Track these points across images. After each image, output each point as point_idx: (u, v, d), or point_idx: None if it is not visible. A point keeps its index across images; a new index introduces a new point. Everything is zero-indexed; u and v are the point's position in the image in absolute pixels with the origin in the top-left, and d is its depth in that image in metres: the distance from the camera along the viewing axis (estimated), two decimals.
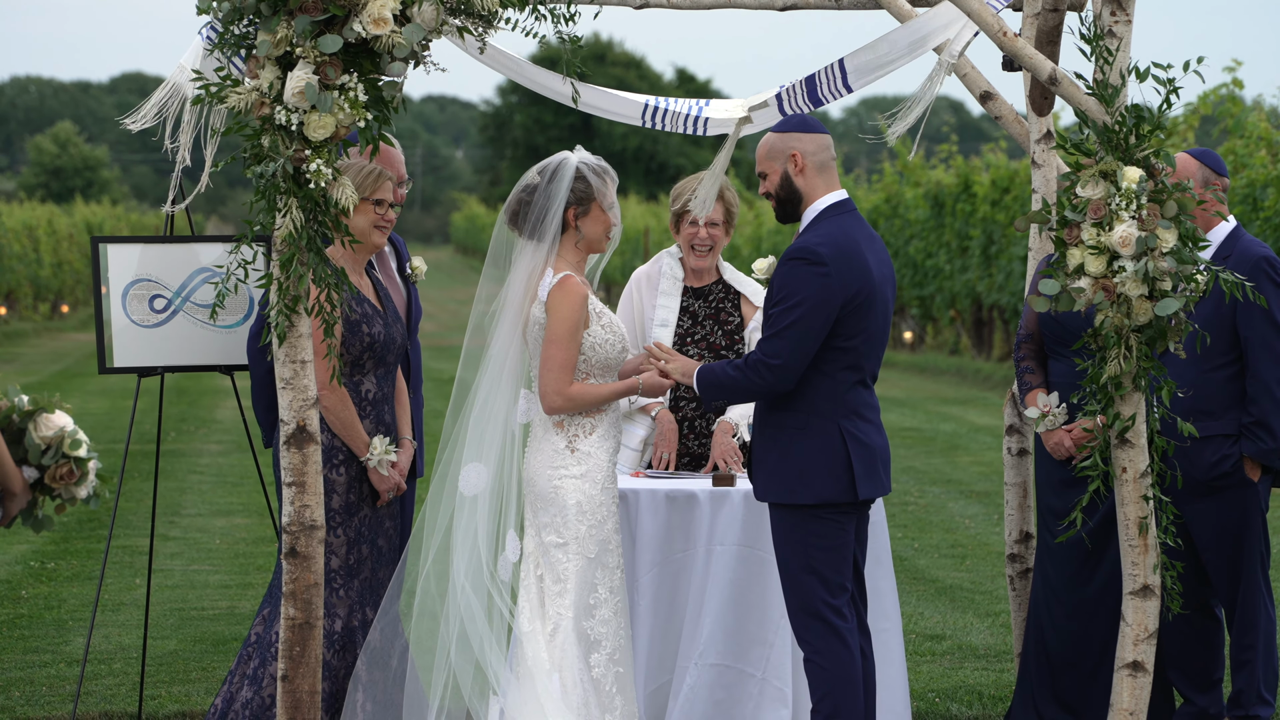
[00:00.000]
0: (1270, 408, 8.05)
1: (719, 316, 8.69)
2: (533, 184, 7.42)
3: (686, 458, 8.63)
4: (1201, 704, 8.25)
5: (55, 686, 9.64)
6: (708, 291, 8.73)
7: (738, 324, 8.68)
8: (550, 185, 7.40)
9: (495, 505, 7.43)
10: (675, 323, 8.67)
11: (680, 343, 8.64)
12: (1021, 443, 8.40)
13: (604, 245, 7.50)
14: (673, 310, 8.69)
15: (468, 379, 7.54)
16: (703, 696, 8.02)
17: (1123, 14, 7.04)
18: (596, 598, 7.35)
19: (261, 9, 6.79)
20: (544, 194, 7.39)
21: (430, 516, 7.43)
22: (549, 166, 7.44)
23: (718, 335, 8.66)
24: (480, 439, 7.43)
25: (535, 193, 7.40)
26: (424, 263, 8.33)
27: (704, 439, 8.60)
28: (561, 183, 7.39)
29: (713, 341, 8.65)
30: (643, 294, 8.73)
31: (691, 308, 8.70)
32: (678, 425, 8.63)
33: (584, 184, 7.39)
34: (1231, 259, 8.10)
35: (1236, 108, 19.75)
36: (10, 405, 6.72)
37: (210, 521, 15.14)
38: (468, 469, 7.41)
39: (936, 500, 16.40)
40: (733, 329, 8.68)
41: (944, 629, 11.09)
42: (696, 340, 8.65)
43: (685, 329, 8.67)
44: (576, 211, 7.40)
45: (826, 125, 7.60)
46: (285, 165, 6.80)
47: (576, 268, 7.44)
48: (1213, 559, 8.18)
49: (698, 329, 8.67)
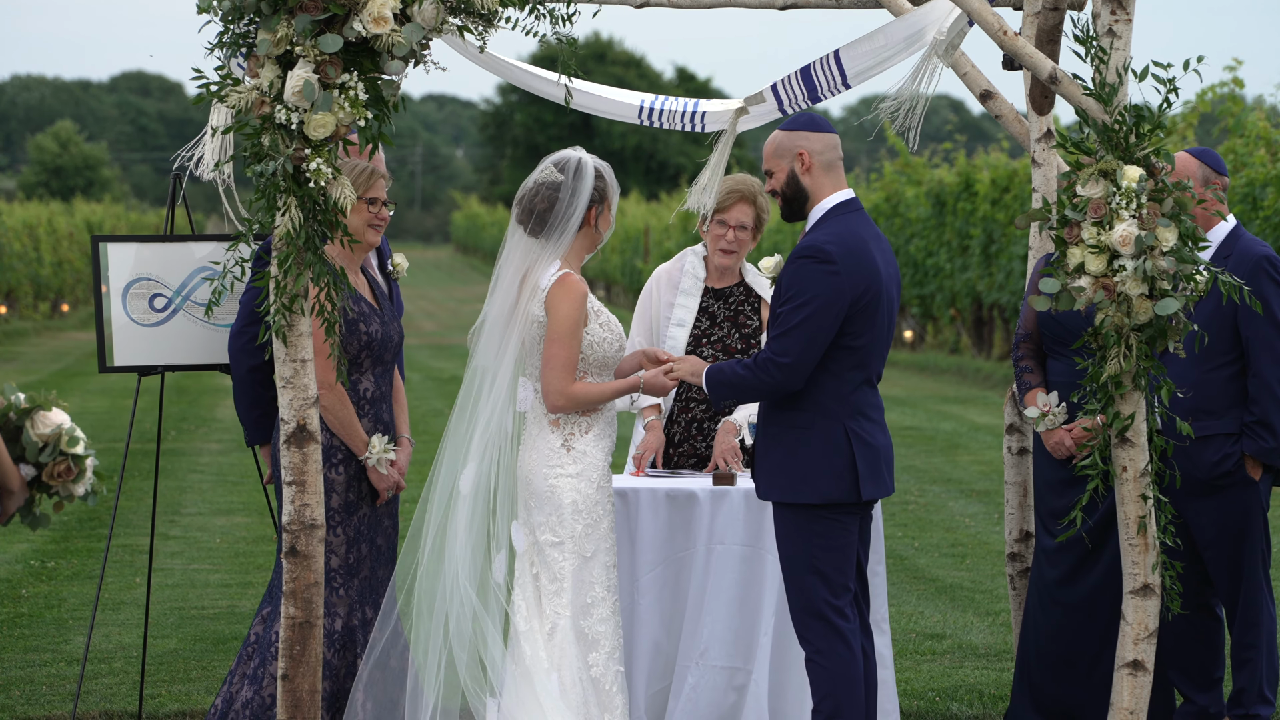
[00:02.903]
0: (1271, 407, 8.05)
1: (737, 319, 8.67)
2: (556, 181, 7.39)
3: (694, 459, 8.62)
4: (1202, 703, 8.25)
5: (55, 685, 9.64)
6: (728, 293, 8.71)
7: (756, 328, 8.66)
8: (577, 183, 7.39)
9: (490, 503, 7.42)
10: (693, 323, 8.65)
11: (695, 344, 8.62)
12: (1021, 442, 8.39)
13: (601, 242, 7.53)
14: (691, 310, 8.66)
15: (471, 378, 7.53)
16: (704, 697, 8.02)
17: (1123, 13, 7.04)
18: (593, 596, 7.34)
19: (262, 8, 6.79)
20: (571, 191, 7.38)
21: (426, 514, 7.42)
22: (568, 165, 7.41)
23: (734, 338, 8.64)
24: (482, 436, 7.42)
25: (561, 189, 7.38)
26: (405, 259, 8.33)
27: (713, 440, 8.59)
28: (585, 180, 7.39)
29: (728, 344, 8.62)
30: (661, 292, 8.71)
31: (711, 308, 8.68)
32: (687, 426, 8.62)
33: (601, 182, 7.42)
34: (1232, 258, 8.10)
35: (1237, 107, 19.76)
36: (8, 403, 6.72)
37: (210, 520, 15.14)
38: (468, 470, 7.40)
39: (936, 499, 16.40)
40: (750, 333, 8.65)
41: (944, 628, 11.08)
42: (712, 342, 8.63)
43: (702, 329, 8.65)
44: (597, 210, 7.42)
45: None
46: (285, 164, 6.80)
47: (576, 266, 7.45)
48: (1214, 558, 8.18)
49: (715, 330, 8.65)
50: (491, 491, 7.42)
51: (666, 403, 8.63)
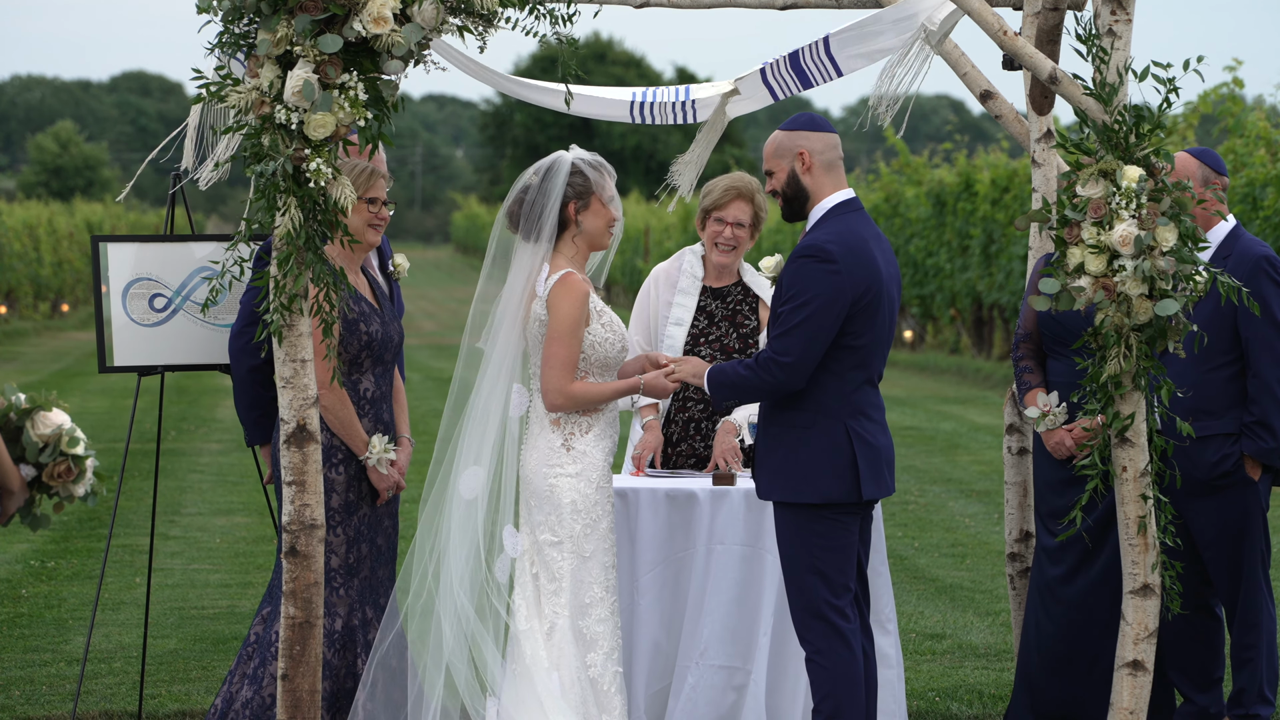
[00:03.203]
0: (1271, 407, 8.05)
1: (735, 319, 8.66)
2: (528, 183, 7.44)
3: (693, 459, 8.62)
4: (1202, 703, 8.25)
5: (55, 685, 9.64)
6: (726, 292, 8.70)
7: (753, 328, 8.65)
8: (545, 183, 7.41)
9: (492, 504, 7.43)
10: (690, 322, 8.64)
11: (693, 343, 8.61)
12: (1021, 442, 8.39)
13: (606, 240, 7.50)
14: (689, 309, 8.65)
15: (468, 379, 7.54)
16: (704, 697, 8.01)
17: (1123, 13, 7.04)
18: (592, 596, 7.34)
19: (262, 8, 6.79)
20: (540, 191, 7.40)
21: (429, 517, 7.43)
22: (543, 166, 7.47)
23: (732, 338, 8.63)
24: (480, 440, 7.43)
25: (530, 191, 7.41)
26: (406, 260, 8.34)
27: (711, 441, 8.59)
28: (557, 179, 7.40)
29: (726, 344, 8.61)
30: (660, 290, 8.69)
31: (709, 308, 8.67)
32: (685, 426, 8.62)
33: (581, 178, 7.41)
34: (1232, 258, 8.10)
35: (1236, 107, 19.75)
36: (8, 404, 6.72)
37: (210, 520, 15.14)
38: (468, 473, 7.40)
39: (936, 499, 16.40)
40: (748, 332, 8.64)
41: (944, 628, 11.08)
42: (710, 341, 8.62)
43: (700, 329, 8.64)
44: (577, 206, 7.40)
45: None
46: (285, 164, 6.80)
47: (577, 265, 7.44)
48: (1214, 558, 8.18)
49: (713, 329, 8.64)
50: (495, 494, 7.42)
51: (665, 403, 8.63)
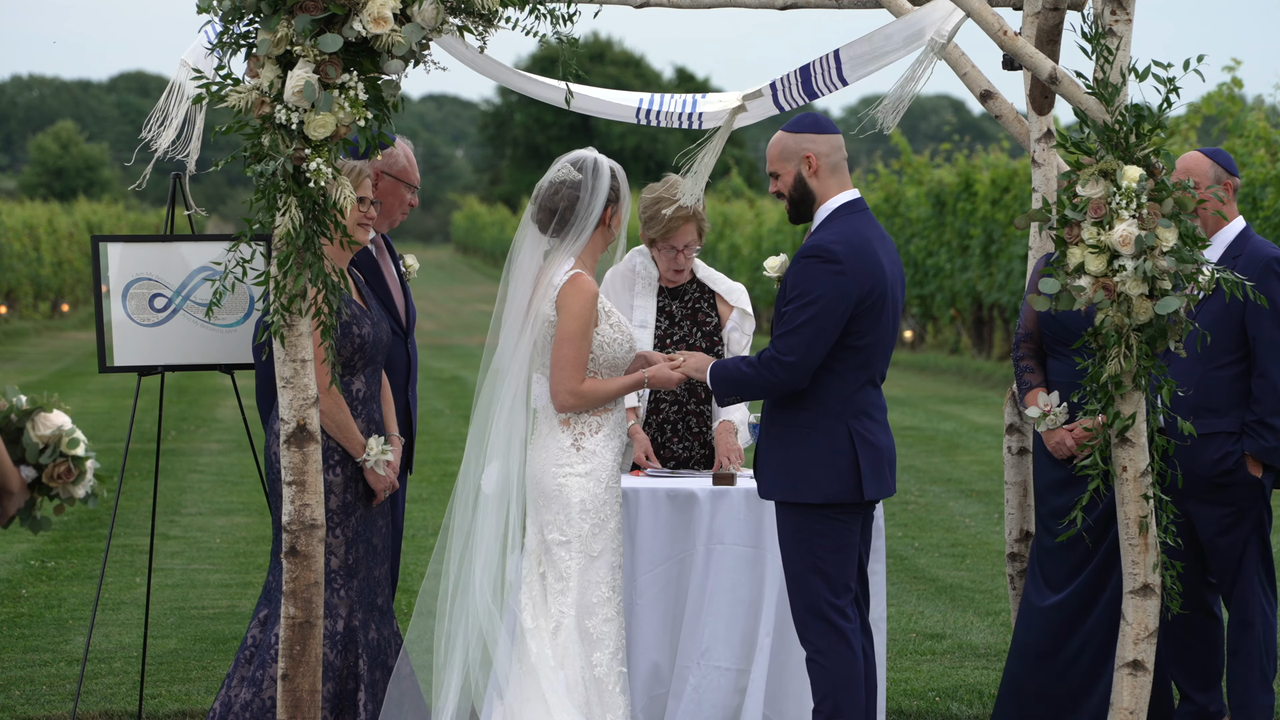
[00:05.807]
0: (1275, 406, 8.05)
1: (696, 317, 8.64)
2: (576, 180, 7.39)
3: (673, 461, 8.60)
4: (1201, 702, 8.26)
5: (55, 685, 9.64)
6: (683, 291, 8.68)
7: (716, 324, 8.64)
8: (595, 181, 7.40)
9: (504, 503, 7.43)
10: (654, 324, 8.63)
11: (660, 345, 8.58)
12: (1022, 441, 8.39)
13: (612, 241, 7.53)
14: (650, 311, 8.63)
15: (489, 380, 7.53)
16: (705, 698, 8.01)
17: (1123, 13, 7.04)
18: (599, 596, 7.34)
19: (262, 8, 6.79)
20: (590, 191, 7.39)
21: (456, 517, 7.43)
22: (585, 163, 7.42)
23: (697, 336, 8.61)
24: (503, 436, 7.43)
25: (581, 189, 7.39)
26: (416, 260, 8.33)
27: (686, 440, 8.57)
28: (603, 179, 7.41)
29: (692, 343, 8.59)
30: (617, 294, 8.64)
31: (668, 308, 8.65)
32: (659, 427, 8.59)
33: (616, 181, 7.44)
34: (1241, 259, 8.12)
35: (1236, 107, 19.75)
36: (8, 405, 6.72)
37: (210, 520, 15.14)
38: (490, 468, 7.42)
39: (936, 499, 16.40)
40: (711, 329, 8.63)
41: (944, 628, 11.09)
42: (675, 341, 8.60)
43: (664, 330, 8.62)
44: (612, 210, 7.43)
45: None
46: (285, 164, 6.80)
47: (588, 267, 7.45)
48: (1214, 557, 8.19)
49: (675, 330, 8.62)
50: (510, 492, 7.43)
51: (641, 406, 8.59)
